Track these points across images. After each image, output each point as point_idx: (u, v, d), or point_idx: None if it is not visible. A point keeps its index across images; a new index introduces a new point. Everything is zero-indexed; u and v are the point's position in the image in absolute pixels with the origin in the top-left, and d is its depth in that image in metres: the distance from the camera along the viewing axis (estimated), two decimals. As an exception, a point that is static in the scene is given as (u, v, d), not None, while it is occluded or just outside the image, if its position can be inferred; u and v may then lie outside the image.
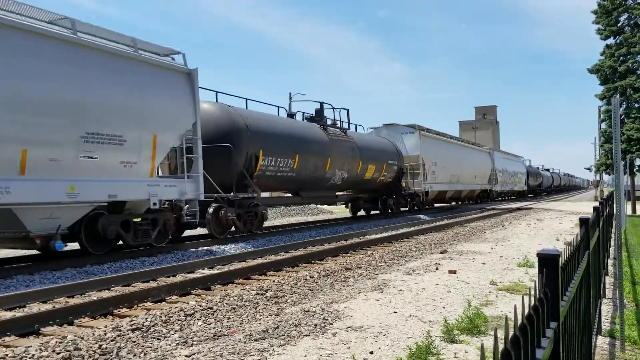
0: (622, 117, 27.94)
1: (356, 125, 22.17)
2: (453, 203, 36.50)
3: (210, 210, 13.66)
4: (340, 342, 4.92)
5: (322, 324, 5.51)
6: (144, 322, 5.75)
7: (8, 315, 6.45)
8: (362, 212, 26.05)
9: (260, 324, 5.82)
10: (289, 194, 19.16)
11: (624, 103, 28.14)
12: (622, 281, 5.73)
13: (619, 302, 5.38)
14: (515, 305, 1.43)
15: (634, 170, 29.06)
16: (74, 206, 10.09)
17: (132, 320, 5.82)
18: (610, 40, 29.26)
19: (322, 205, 31.71)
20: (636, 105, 28.25)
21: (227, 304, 6.71)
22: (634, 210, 29.79)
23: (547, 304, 1.67)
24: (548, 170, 78.72)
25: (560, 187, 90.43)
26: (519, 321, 1.32)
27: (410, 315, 5.88)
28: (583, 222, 3.68)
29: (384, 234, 15.77)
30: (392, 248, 12.69)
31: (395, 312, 6.05)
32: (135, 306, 6.98)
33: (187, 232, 15.12)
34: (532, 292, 1.57)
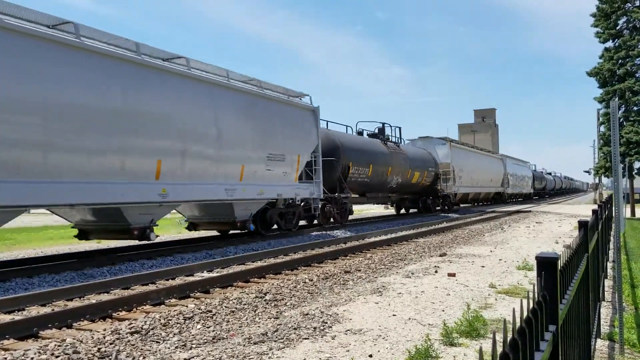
0: (621, 120, 27.99)
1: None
2: (469, 204, 40.85)
3: (320, 205, 18.46)
4: (339, 345, 4.91)
5: (322, 327, 5.51)
6: (143, 325, 5.75)
7: (7, 318, 6.45)
8: (402, 211, 31.32)
9: (259, 327, 5.82)
10: (357, 195, 23.40)
11: (623, 106, 28.20)
12: (621, 284, 5.73)
13: (618, 305, 5.38)
14: (513, 309, 1.44)
15: (633, 173, 29.09)
16: (259, 201, 15.32)
17: (131, 324, 5.82)
18: (609, 44, 29.37)
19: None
20: (635, 108, 28.31)
21: (226, 307, 6.71)
22: (633, 213, 29.81)
23: (545, 307, 1.67)
24: (550, 174, 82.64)
25: (562, 190, 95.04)
26: (518, 324, 1.33)
27: (410, 319, 5.88)
28: (582, 225, 3.68)
29: (384, 237, 15.77)
30: (391, 251, 12.68)
31: (394, 315, 6.05)
32: (135, 309, 6.98)
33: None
34: (531, 295, 1.57)
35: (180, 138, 12.14)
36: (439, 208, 30.75)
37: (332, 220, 20.00)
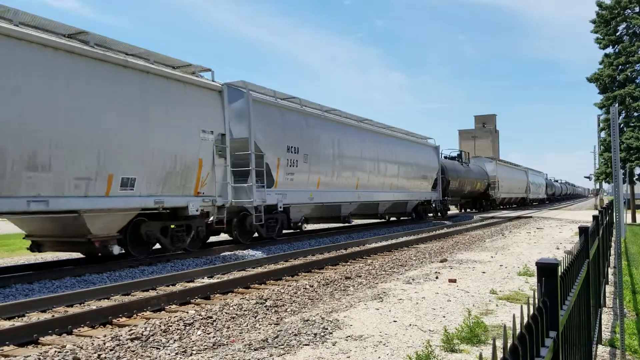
0: (621, 125, 28.01)
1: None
2: (504, 206, 50.69)
3: (434, 205, 29.37)
4: (340, 351, 4.90)
5: (322, 334, 5.50)
6: (143, 332, 5.74)
7: (7, 324, 6.44)
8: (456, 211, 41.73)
9: (259, 333, 5.81)
10: None
11: (623, 112, 28.22)
12: (622, 290, 5.72)
13: (619, 311, 5.37)
14: (514, 315, 1.44)
15: (634, 179, 29.07)
16: (415, 201, 26.47)
17: (131, 330, 5.81)
18: (609, 50, 29.42)
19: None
20: (635, 114, 28.33)
21: (226, 313, 6.70)
22: (634, 218, 29.75)
23: (546, 313, 1.67)
24: (557, 181, 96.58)
25: (567, 195, 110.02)
26: (518, 330, 1.33)
27: (410, 325, 5.87)
28: (582, 231, 3.68)
29: (384, 243, 15.75)
30: (392, 257, 12.66)
31: (395, 321, 6.03)
32: (135, 315, 6.96)
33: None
34: (532, 301, 1.57)
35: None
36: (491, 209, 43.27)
37: (439, 214, 30.66)
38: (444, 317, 6.25)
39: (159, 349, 5.28)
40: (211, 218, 13.59)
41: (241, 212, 15.15)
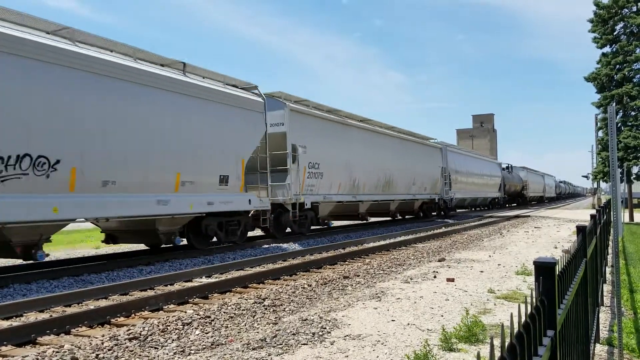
0: (619, 125, 28.05)
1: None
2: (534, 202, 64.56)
3: (499, 200, 44.72)
4: (338, 350, 4.90)
5: (320, 333, 5.50)
6: (141, 331, 5.74)
7: (5, 324, 6.43)
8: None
9: (258, 332, 5.81)
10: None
11: (621, 111, 28.26)
12: (620, 289, 5.73)
13: (616, 310, 5.38)
14: (511, 313, 1.44)
15: (632, 178, 29.12)
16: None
17: (129, 330, 5.81)
18: (607, 49, 29.43)
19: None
20: (633, 113, 28.36)
21: (224, 312, 6.70)
22: (631, 217, 29.82)
23: (543, 312, 1.68)
24: (562, 182, 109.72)
25: (569, 194, 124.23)
26: (516, 329, 1.33)
27: (409, 324, 5.87)
28: (580, 230, 3.69)
29: (382, 242, 15.77)
30: (390, 256, 12.67)
31: (393, 320, 6.04)
32: (133, 315, 6.96)
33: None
34: (529, 300, 1.58)
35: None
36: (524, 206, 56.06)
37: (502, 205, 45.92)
38: (442, 316, 6.26)
39: (157, 348, 5.28)
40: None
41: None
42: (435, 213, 31.56)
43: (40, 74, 9.15)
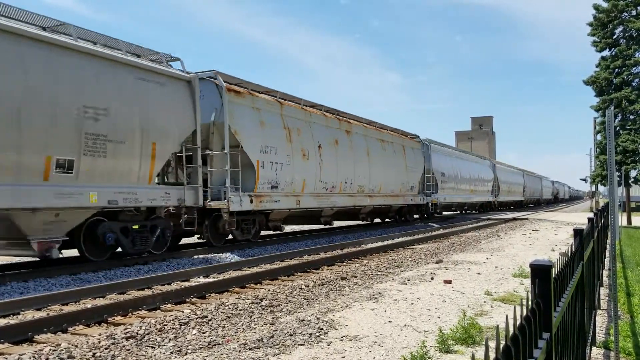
0: (617, 128, 28.09)
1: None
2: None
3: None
4: (335, 351, 4.91)
5: (317, 334, 5.51)
6: (138, 331, 5.74)
7: (2, 322, 6.42)
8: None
9: (255, 332, 5.81)
10: None
11: (619, 115, 28.30)
12: (617, 292, 5.74)
13: (613, 313, 5.39)
14: (507, 316, 1.45)
15: (630, 181, 29.17)
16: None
17: (126, 329, 5.81)
18: (606, 53, 29.49)
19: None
20: (631, 117, 28.41)
21: (222, 312, 6.70)
22: (629, 221, 29.87)
23: (539, 314, 1.68)
24: (562, 185, 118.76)
25: (570, 197, 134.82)
26: (512, 332, 1.34)
27: (405, 325, 5.88)
28: (577, 233, 3.70)
29: (380, 244, 15.77)
30: (387, 257, 12.68)
31: (390, 321, 6.05)
32: (130, 314, 6.96)
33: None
34: (525, 303, 1.58)
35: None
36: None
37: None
38: (439, 317, 6.27)
39: (154, 347, 5.28)
40: None
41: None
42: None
43: None
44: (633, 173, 29.02)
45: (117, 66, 10.99)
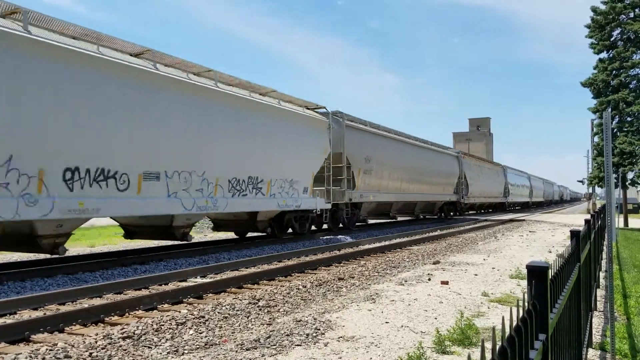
0: (615, 130, 28.15)
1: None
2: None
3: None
4: (331, 352, 4.91)
5: (314, 334, 5.51)
6: (135, 330, 5.73)
7: (-2, 322, 6.41)
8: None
9: (252, 333, 5.81)
10: None
11: (617, 117, 28.36)
12: (613, 294, 5.76)
13: (610, 315, 5.40)
14: (503, 317, 1.45)
15: (627, 183, 29.23)
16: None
17: (123, 328, 5.80)
18: (604, 55, 29.56)
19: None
20: (628, 119, 28.47)
21: (219, 312, 6.70)
22: (626, 223, 29.93)
23: (535, 315, 1.69)
24: (565, 188, 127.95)
25: (571, 198, 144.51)
26: (508, 333, 1.34)
27: (402, 326, 5.88)
28: (574, 234, 3.71)
29: (377, 244, 15.78)
30: (385, 258, 12.69)
31: (387, 322, 6.05)
32: (127, 314, 6.95)
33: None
34: (522, 304, 1.59)
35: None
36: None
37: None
38: (436, 318, 6.27)
39: (151, 347, 5.28)
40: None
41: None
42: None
43: None
44: (630, 175, 29.07)
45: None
